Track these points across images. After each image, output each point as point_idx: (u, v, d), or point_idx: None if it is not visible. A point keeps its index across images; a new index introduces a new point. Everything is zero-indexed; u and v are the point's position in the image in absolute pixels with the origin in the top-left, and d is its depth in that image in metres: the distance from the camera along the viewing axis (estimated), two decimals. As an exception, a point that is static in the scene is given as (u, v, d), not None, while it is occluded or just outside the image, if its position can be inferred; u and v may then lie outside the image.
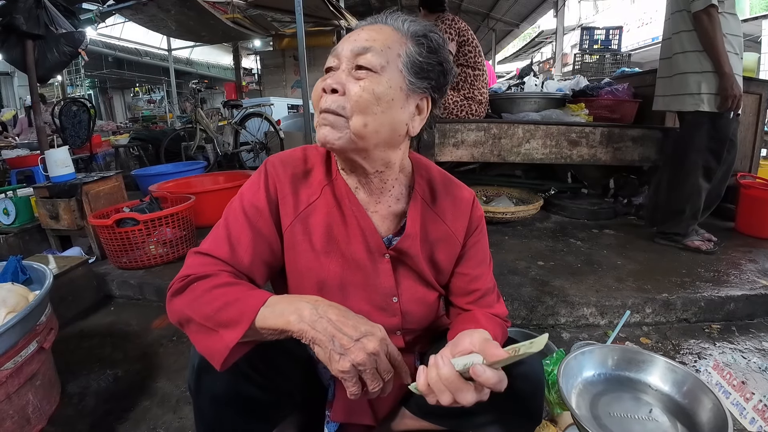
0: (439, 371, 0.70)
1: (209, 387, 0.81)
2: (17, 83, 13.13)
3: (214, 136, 5.48)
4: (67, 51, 3.60)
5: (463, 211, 1.00)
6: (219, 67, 19.94)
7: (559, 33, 10.95)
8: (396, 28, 0.86)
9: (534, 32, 15.97)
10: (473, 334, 0.76)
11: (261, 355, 0.82)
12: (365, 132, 0.81)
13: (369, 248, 0.92)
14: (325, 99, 0.81)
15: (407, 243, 0.93)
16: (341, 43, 0.85)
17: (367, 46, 0.82)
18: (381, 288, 0.94)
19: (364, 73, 0.81)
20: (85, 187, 2.60)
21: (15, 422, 1.31)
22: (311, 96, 0.87)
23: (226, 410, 0.82)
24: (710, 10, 2.23)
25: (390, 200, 0.95)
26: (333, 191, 0.93)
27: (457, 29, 3.08)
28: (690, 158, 2.52)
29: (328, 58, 0.86)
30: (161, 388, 1.63)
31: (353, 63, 0.82)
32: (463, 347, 0.75)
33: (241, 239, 0.87)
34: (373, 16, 0.89)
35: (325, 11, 6.08)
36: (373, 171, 0.90)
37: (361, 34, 0.84)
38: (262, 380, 0.83)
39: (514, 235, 2.95)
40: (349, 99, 0.80)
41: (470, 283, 1.01)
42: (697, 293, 2.06)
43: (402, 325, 0.98)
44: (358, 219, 0.92)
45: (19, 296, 1.41)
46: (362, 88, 0.80)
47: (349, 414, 0.99)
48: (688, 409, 0.90)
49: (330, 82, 0.80)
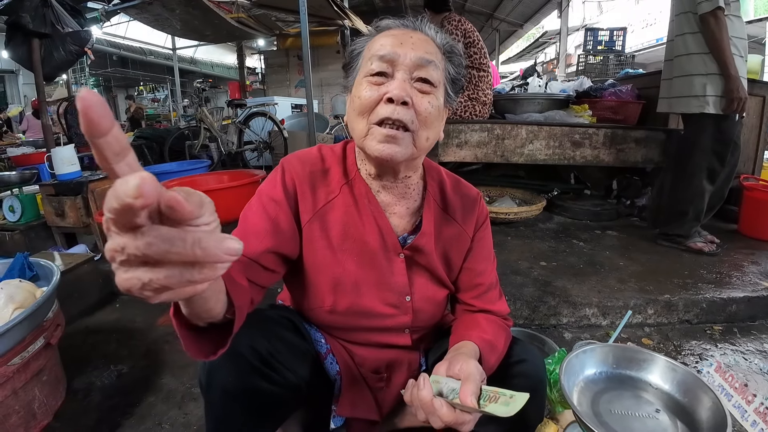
0: (419, 392, 0.74)
1: (220, 382, 0.82)
2: (22, 81, 13.21)
3: (218, 135, 5.50)
4: (73, 50, 3.62)
5: (471, 209, 1.03)
6: (223, 67, 19.99)
7: (563, 34, 10.93)
8: (432, 39, 0.88)
9: (538, 33, 15.96)
10: (469, 363, 0.78)
11: (268, 348, 0.83)
12: (426, 146, 0.85)
13: (385, 247, 0.94)
14: (395, 110, 0.80)
15: (423, 240, 0.95)
16: (393, 48, 0.83)
17: (429, 59, 0.83)
18: (395, 286, 0.96)
19: (429, 87, 0.83)
20: (91, 185, 2.61)
21: (21, 417, 1.32)
22: (360, 99, 0.83)
23: (235, 404, 0.83)
24: (717, 12, 2.23)
25: (408, 201, 0.98)
26: (351, 191, 0.94)
27: (463, 30, 3.08)
28: (694, 160, 2.52)
29: (371, 60, 0.84)
30: (166, 384, 1.65)
31: (413, 74, 0.82)
32: (453, 372, 0.78)
33: (256, 228, 0.87)
34: (404, 18, 0.89)
35: (330, 11, 6.08)
36: (402, 176, 0.93)
37: (416, 42, 0.84)
38: (272, 374, 0.84)
39: (517, 236, 2.96)
40: (418, 113, 0.81)
41: (475, 277, 1.03)
42: (699, 295, 2.07)
43: (412, 323, 0.99)
44: (376, 218, 0.93)
45: (27, 293, 1.43)
46: (430, 103, 0.82)
47: (355, 409, 1.00)
48: (687, 407, 0.91)
49: (401, 94, 0.79)
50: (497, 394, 0.72)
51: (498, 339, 0.94)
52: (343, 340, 1.03)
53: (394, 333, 1.01)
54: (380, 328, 0.99)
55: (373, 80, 0.83)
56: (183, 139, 5.74)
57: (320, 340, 1.02)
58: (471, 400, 0.70)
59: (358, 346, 1.02)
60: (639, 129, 3.16)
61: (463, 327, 0.98)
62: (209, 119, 5.52)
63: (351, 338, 1.02)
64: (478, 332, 0.93)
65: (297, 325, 0.97)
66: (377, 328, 0.98)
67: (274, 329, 0.89)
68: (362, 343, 1.02)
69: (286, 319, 0.95)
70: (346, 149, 1.00)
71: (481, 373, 0.78)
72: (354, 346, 1.02)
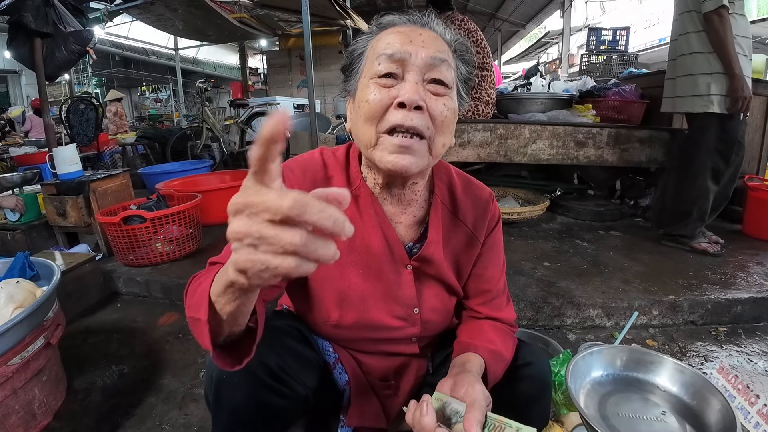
0: (422, 418, 0.70)
1: (228, 398, 0.79)
2: (25, 81, 13.24)
3: (220, 135, 5.50)
4: (76, 49, 3.62)
5: (483, 211, 0.96)
6: (225, 67, 20.01)
7: (566, 34, 10.90)
8: (442, 36, 0.81)
9: (540, 33, 15.91)
10: (475, 388, 0.75)
11: (278, 362, 0.81)
12: (441, 152, 0.79)
13: (393, 258, 0.89)
14: (408, 116, 0.72)
15: (430, 249, 0.90)
16: (402, 46, 0.75)
17: (442, 58, 0.76)
18: (402, 299, 0.91)
19: (443, 89, 0.76)
20: (93, 184, 2.61)
21: (21, 417, 1.32)
22: (368, 103, 0.75)
23: (244, 419, 0.80)
24: (721, 11, 2.22)
25: (415, 209, 0.92)
26: (356, 201, 0.88)
27: (466, 30, 3.07)
28: (698, 160, 2.51)
29: (377, 60, 0.76)
30: (167, 384, 1.64)
31: (425, 75, 0.75)
32: (458, 393, 0.75)
33: None
34: (410, 14, 0.82)
35: (332, 11, 6.07)
36: (410, 183, 0.87)
37: (426, 40, 0.77)
38: (282, 388, 0.81)
39: (520, 236, 2.95)
40: (433, 118, 0.75)
41: (483, 283, 0.98)
42: (703, 295, 2.05)
43: (420, 333, 0.96)
44: (383, 230, 0.88)
45: (27, 292, 1.42)
46: (445, 106, 0.76)
47: (363, 418, 0.99)
48: (696, 410, 0.89)
49: (414, 97, 0.71)
50: (503, 425, 0.71)
51: (505, 348, 0.91)
52: (351, 349, 1.00)
53: (401, 343, 0.98)
54: (388, 340, 0.96)
55: (381, 82, 0.75)
56: (185, 139, 5.76)
57: (328, 350, 1.00)
58: (476, 429, 0.68)
59: (366, 354, 1.00)
60: (643, 129, 3.15)
61: (469, 335, 0.95)
62: (211, 119, 5.53)
63: (358, 347, 0.99)
64: (485, 342, 0.90)
65: (305, 334, 0.94)
66: (385, 339, 0.95)
67: (282, 340, 0.86)
68: (370, 352, 0.99)
69: (294, 329, 0.92)
70: (349, 155, 0.93)
71: (487, 397, 0.75)
72: (361, 354, 1.00)
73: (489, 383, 0.85)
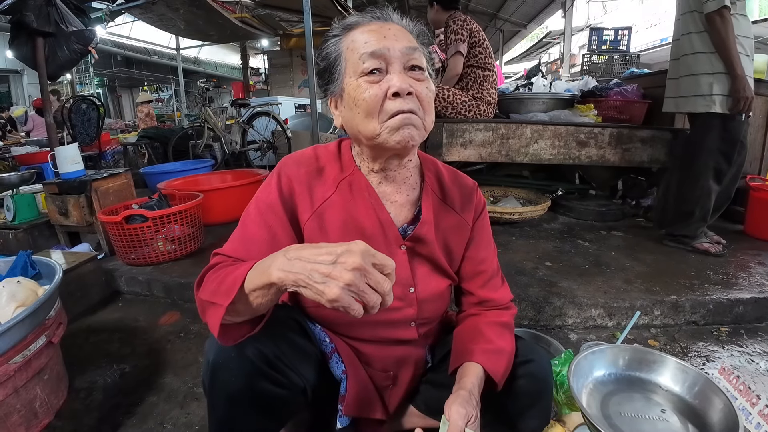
0: None
1: (224, 383, 0.81)
2: (27, 81, 13.26)
3: (221, 135, 5.50)
4: (77, 49, 3.62)
5: (469, 198, 1.06)
6: (227, 67, 20.05)
7: (567, 33, 10.90)
8: (405, 27, 0.90)
9: (542, 33, 15.91)
10: (451, 409, 0.82)
11: (274, 351, 0.83)
12: (430, 128, 0.88)
13: (386, 240, 0.95)
14: (405, 101, 0.82)
15: (424, 229, 0.96)
16: (380, 42, 0.83)
17: (414, 46, 0.86)
18: (398, 278, 0.94)
19: (421, 74, 0.86)
20: (95, 183, 2.61)
21: (22, 416, 1.32)
22: (365, 100, 0.83)
23: (239, 406, 0.82)
24: (723, 11, 2.21)
25: (408, 189, 0.99)
26: (349, 186, 0.94)
27: (468, 30, 3.06)
28: (700, 160, 2.50)
29: (360, 59, 0.84)
30: (168, 383, 1.64)
31: (404, 63, 0.84)
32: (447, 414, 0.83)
33: (255, 237, 0.89)
34: (372, 10, 0.90)
35: (333, 11, 6.08)
36: (406, 160, 0.95)
37: (397, 33, 0.86)
38: (278, 377, 0.83)
39: (522, 236, 2.94)
40: (420, 100, 0.84)
41: (477, 265, 1.06)
42: (705, 296, 2.05)
43: (417, 315, 0.99)
44: (376, 211, 0.94)
45: (29, 291, 1.42)
46: (428, 88, 0.86)
47: (362, 408, 1.00)
48: (698, 409, 0.89)
49: (404, 86, 0.81)
50: None
51: (504, 342, 0.96)
52: (349, 337, 1.02)
53: (400, 327, 1.00)
54: (386, 322, 0.98)
55: (370, 79, 0.83)
56: (187, 139, 5.76)
57: (325, 340, 1.01)
58: None
59: (365, 343, 1.01)
60: (645, 129, 3.14)
61: (469, 339, 0.98)
62: (213, 119, 5.53)
63: (357, 335, 1.01)
64: (482, 344, 0.95)
65: (302, 325, 0.96)
66: (383, 321, 0.97)
67: (279, 330, 0.88)
68: (368, 339, 1.01)
69: (292, 319, 0.94)
70: (341, 146, 1.01)
71: (466, 415, 0.81)
72: (360, 343, 1.01)
73: (498, 382, 0.90)
